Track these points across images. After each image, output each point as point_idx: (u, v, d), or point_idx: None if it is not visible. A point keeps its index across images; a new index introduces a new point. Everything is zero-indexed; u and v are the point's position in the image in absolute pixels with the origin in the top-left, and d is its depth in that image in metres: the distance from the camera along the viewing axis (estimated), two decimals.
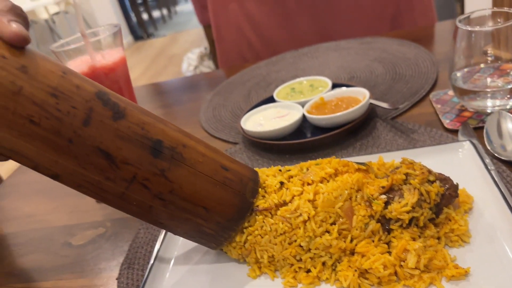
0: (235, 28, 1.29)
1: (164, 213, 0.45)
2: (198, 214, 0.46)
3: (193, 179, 0.45)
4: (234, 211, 0.48)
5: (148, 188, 0.43)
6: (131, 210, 0.44)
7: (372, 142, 0.68)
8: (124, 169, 0.41)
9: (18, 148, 0.38)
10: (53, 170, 0.40)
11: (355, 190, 0.48)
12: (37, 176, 0.87)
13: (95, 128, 0.40)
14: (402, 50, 0.97)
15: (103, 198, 0.43)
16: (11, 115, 0.37)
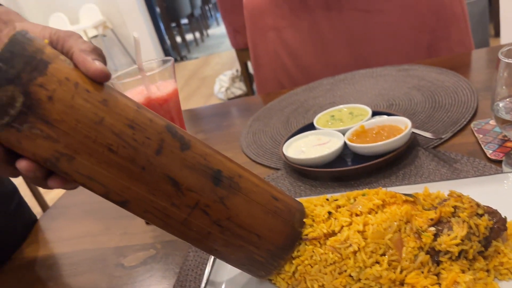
0: (272, 55, 1.33)
1: (221, 240, 0.47)
2: (251, 241, 0.48)
3: (248, 207, 0.48)
4: (284, 239, 0.50)
5: (208, 214, 0.46)
6: (190, 237, 0.47)
7: (415, 171, 0.69)
8: (188, 196, 0.45)
9: (94, 175, 0.41)
10: (124, 196, 0.43)
11: (404, 222, 0.49)
12: (85, 198, 0.92)
13: (166, 157, 0.44)
14: (440, 78, 0.98)
15: (165, 224, 0.46)
16: (92, 143, 0.40)
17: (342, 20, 1.30)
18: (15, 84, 0.37)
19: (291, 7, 1.31)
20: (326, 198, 0.55)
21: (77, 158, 0.40)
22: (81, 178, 0.41)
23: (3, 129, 0.38)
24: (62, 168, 0.41)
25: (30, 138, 0.39)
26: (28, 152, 0.40)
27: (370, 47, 1.27)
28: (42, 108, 0.38)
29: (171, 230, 0.47)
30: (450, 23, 1.18)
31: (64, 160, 0.40)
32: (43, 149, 0.39)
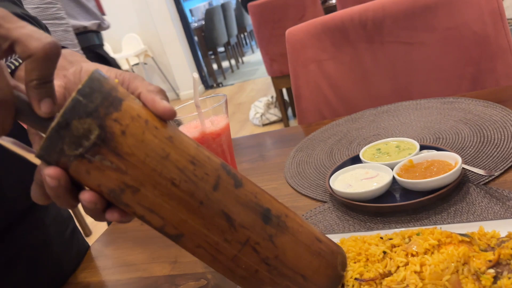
0: (314, 87, 1.35)
1: (267, 279, 0.48)
2: (297, 282, 0.49)
3: (295, 247, 0.49)
4: (327, 282, 0.51)
5: (257, 252, 0.47)
6: (237, 274, 0.48)
7: (467, 209, 0.69)
8: (241, 232, 0.46)
9: (155, 207, 0.43)
10: (179, 230, 0.44)
11: (462, 263, 0.49)
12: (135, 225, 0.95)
13: (222, 194, 0.46)
14: (487, 111, 0.98)
15: (215, 260, 0.47)
16: (158, 176, 0.42)
17: (384, 52, 1.32)
18: (93, 117, 0.40)
19: (332, 41, 1.34)
20: (380, 237, 0.56)
21: (141, 190, 0.42)
22: (141, 210, 0.43)
23: (75, 159, 0.40)
24: (125, 199, 0.43)
25: (100, 169, 0.41)
26: (94, 183, 0.42)
27: (412, 79, 1.28)
28: (115, 141, 0.41)
29: (219, 266, 0.48)
30: (495, 56, 1.17)
31: (129, 191, 0.42)
32: (110, 180, 0.41)
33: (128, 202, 0.43)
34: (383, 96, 1.30)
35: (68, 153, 0.40)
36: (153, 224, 0.44)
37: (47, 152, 0.40)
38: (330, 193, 0.81)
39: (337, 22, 1.33)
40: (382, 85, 1.33)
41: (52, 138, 0.39)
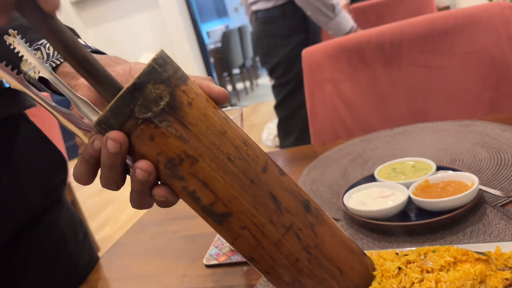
0: (329, 107, 1.36)
1: (307, 269, 0.47)
2: (334, 275, 0.49)
3: (332, 240, 0.49)
4: (361, 279, 0.50)
5: (300, 238, 0.47)
6: (278, 262, 0.47)
7: (483, 230, 0.67)
8: (286, 216, 0.47)
9: (209, 181, 0.43)
10: (229, 207, 0.44)
11: (478, 281, 0.48)
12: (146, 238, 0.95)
13: (269, 177, 0.47)
14: (505, 135, 0.96)
15: (257, 246, 0.46)
16: (216, 149, 0.44)
17: (401, 75, 1.32)
18: (166, 85, 0.42)
19: (349, 62, 1.35)
20: (396, 253, 0.55)
21: (200, 162, 0.43)
22: (195, 183, 0.43)
23: (143, 123, 0.41)
24: (182, 171, 0.42)
25: (164, 135, 0.42)
26: (155, 151, 0.42)
27: (429, 102, 1.27)
28: (182, 111, 0.42)
29: (261, 253, 0.46)
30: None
31: (187, 162, 0.42)
32: (172, 148, 0.42)
33: (183, 174, 0.42)
34: (399, 118, 1.29)
35: (138, 115, 0.40)
36: (203, 201, 0.44)
37: (117, 112, 0.40)
38: (344, 211, 0.80)
39: (354, 44, 1.34)
40: (398, 107, 1.33)
41: (125, 99, 0.40)
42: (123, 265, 0.89)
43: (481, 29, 1.20)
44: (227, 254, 0.79)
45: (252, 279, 0.71)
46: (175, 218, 1.03)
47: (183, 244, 0.90)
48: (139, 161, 0.42)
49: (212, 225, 0.47)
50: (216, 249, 0.82)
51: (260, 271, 0.49)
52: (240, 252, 0.48)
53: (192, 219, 1.00)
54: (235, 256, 0.77)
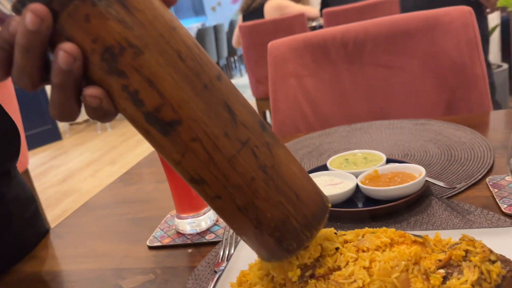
0: (292, 101, 1.35)
1: (263, 191, 0.43)
2: (291, 200, 0.45)
3: (289, 163, 0.45)
4: (317, 208, 0.47)
5: (256, 156, 0.42)
6: (232, 182, 0.42)
7: (427, 219, 0.68)
8: (241, 130, 0.42)
9: (156, 78, 0.37)
10: (178, 113, 0.39)
11: (412, 262, 0.47)
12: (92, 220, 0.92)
13: (225, 86, 0.42)
14: (457, 134, 0.98)
15: (209, 161, 0.41)
16: (165, 43, 0.38)
17: (363, 74, 1.33)
18: None
19: (313, 58, 1.36)
20: (334, 232, 0.54)
21: (145, 54, 0.37)
22: (139, 81, 0.37)
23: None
24: (122, 63, 0.36)
25: (103, 17, 0.35)
26: (90, 36, 0.35)
27: (389, 102, 1.29)
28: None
29: (213, 170, 0.41)
30: (471, 84, 1.20)
31: (130, 52, 0.36)
32: (111, 33, 0.35)
33: (124, 68, 0.36)
34: (359, 116, 1.30)
35: None
36: (147, 105, 0.37)
37: None
38: None
39: (319, 40, 1.34)
40: (359, 105, 1.34)
41: None
42: (64, 245, 0.86)
43: (442, 32, 1.22)
44: (172, 237, 0.77)
45: (195, 261, 0.69)
46: (124, 201, 1.00)
47: (129, 226, 0.87)
48: (63, 43, 0.34)
49: (156, 138, 0.40)
50: (162, 232, 0.80)
51: (210, 196, 0.43)
52: (187, 172, 0.42)
53: (141, 202, 0.97)
54: (180, 239, 0.75)
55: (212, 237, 0.74)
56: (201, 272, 0.65)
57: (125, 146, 4.84)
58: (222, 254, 0.67)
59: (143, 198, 0.99)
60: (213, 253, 0.70)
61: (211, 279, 0.62)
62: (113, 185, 1.11)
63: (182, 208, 0.77)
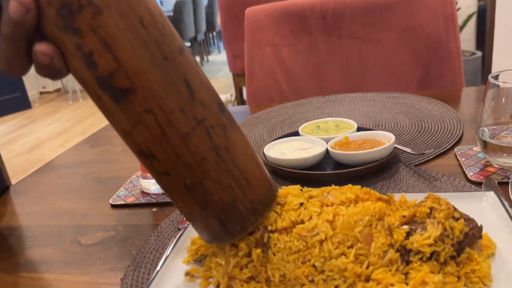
0: (267, 70, 1.33)
1: (213, 172, 0.42)
2: (240, 184, 0.44)
3: (244, 147, 0.45)
4: (265, 195, 0.47)
5: (210, 136, 0.41)
6: (182, 159, 0.40)
7: (394, 185, 0.68)
8: (198, 107, 0.40)
9: (113, 41, 0.35)
10: (133, 82, 0.37)
11: (376, 218, 0.47)
12: (54, 178, 0.89)
13: (186, 61, 0.40)
14: (428, 107, 0.99)
15: (162, 136, 0.39)
16: (126, 6, 0.36)
17: (340, 46, 1.32)
18: None
19: (291, 27, 1.33)
20: (300, 188, 0.53)
21: (105, 15, 0.34)
22: (94, 42, 0.34)
23: None
24: (81, 20, 0.34)
25: None
26: None
27: (363, 75, 1.28)
28: None
29: (165, 145, 0.40)
30: (445, 60, 1.20)
31: (89, 11, 0.34)
32: None
33: (80, 27, 0.34)
34: (333, 88, 1.30)
35: None
36: (100, 68, 0.35)
37: None
38: (264, 161, 0.78)
39: (298, 9, 1.31)
40: (334, 78, 1.33)
41: None
42: (24, 201, 0.82)
43: (420, 7, 1.21)
44: (136, 196, 0.75)
45: (158, 219, 0.67)
46: (89, 162, 0.97)
47: (92, 186, 0.84)
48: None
49: (106, 105, 0.38)
50: (126, 191, 0.77)
51: (158, 171, 0.42)
52: (137, 145, 0.40)
53: (106, 163, 0.94)
54: (145, 198, 0.73)
55: None
56: (164, 229, 0.63)
57: (96, 117, 4.73)
58: None
59: (108, 159, 0.96)
60: (178, 211, 0.68)
61: (174, 236, 0.60)
62: (78, 146, 1.07)
63: None
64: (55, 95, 6.14)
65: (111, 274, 0.56)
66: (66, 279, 0.56)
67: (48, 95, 6.14)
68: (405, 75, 1.23)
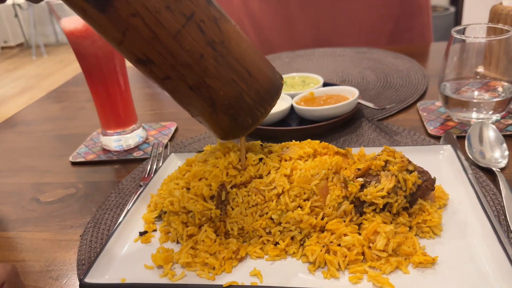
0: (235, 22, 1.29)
1: (213, 68, 0.42)
2: (243, 77, 0.44)
3: (239, 39, 0.44)
4: (270, 84, 0.46)
5: (203, 31, 0.40)
6: (180, 59, 0.40)
7: (356, 139, 0.68)
8: (184, 3, 0.39)
9: None
10: None
11: (333, 171, 0.47)
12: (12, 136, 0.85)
13: None
14: (395, 62, 0.99)
15: (154, 40, 0.39)
16: None
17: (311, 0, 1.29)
18: None
19: None
20: (260, 144, 0.53)
21: None
22: None
23: None
24: None
25: None
26: None
27: (334, 30, 1.26)
28: None
29: (159, 48, 0.39)
30: (414, 14, 1.19)
31: None
32: None
33: None
34: (303, 43, 1.27)
35: None
36: None
37: None
38: None
39: None
40: (304, 32, 1.31)
41: None
42: None
43: None
44: (97, 153, 0.73)
45: (119, 176, 0.66)
46: (49, 118, 0.93)
47: (52, 143, 0.82)
48: None
49: (93, 17, 0.37)
50: (86, 148, 0.75)
51: (159, 77, 0.41)
52: (132, 52, 0.39)
53: (66, 120, 0.91)
54: (106, 155, 0.72)
55: (140, 154, 0.71)
56: (125, 186, 0.63)
57: (63, 73, 4.56)
58: (149, 169, 0.65)
59: (69, 116, 0.93)
60: (140, 168, 0.67)
61: (135, 192, 0.60)
62: (38, 103, 1.03)
63: (107, 124, 0.73)
64: (17, 50, 5.86)
65: (71, 231, 0.55)
66: (24, 236, 0.55)
67: (10, 50, 5.85)
68: (375, 30, 1.22)
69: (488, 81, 0.68)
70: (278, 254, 0.44)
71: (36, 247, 0.53)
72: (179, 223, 0.48)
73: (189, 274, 0.44)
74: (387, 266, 0.41)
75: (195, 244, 0.46)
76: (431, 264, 0.41)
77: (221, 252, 0.44)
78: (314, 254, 0.42)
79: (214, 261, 0.43)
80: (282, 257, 0.44)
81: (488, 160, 0.57)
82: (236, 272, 0.43)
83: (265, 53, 1.22)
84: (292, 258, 0.44)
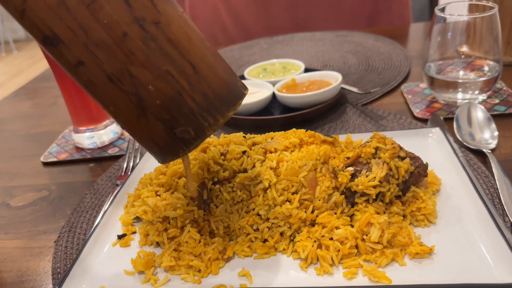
0: (211, 9, 1.25)
1: (141, 54, 0.32)
2: (184, 71, 0.34)
3: (184, 25, 0.35)
4: (225, 89, 0.36)
5: (129, 4, 0.32)
6: (93, 35, 0.31)
7: (341, 126, 0.66)
8: None
9: None
10: None
11: (321, 161, 0.45)
12: None
13: None
14: (376, 44, 0.96)
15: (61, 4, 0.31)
16: None
17: None
18: None
19: None
20: (243, 135, 0.50)
21: None
22: None
23: None
24: None
25: None
26: None
27: (311, 13, 1.23)
28: None
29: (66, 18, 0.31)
30: None
31: None
32: None
33: None
34: (280, 28, 1.24)
35: None
36: None
37: None
38: None
39: None
40: (281, 16, 1.27)
41: None
42: None
43: None
44: (69, 152, 0.69)
45: (95, 176, 0.63)
46: (17, 116, 0.88)
47: (21, 143, 0.77)
48: None
49: None
50: (58, 147, 0.71)
51: (71, 62, 0.32)
52: (36, 26, 0.31)
53: (36, 118, 0.86)
54: (79, 154, 0.68)
55: (116, 151, 0.68)
56: (100, 186, 0.59)
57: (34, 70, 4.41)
58: (125, 166, 0.62)
59: (39, 113, 0.88)
60: (116, 166, 0.63)
61: (111, 192, 0.56)
62: (6, 101, 0.98)
63: (79, 119, 0.68)
64: None
65: (44, 237, 0.51)
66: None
67: None
68: (353, 12, 1.19)
69: (473, 60, 0.67)
70: (267, 251, 0.42)
71: (6, 256, 0.49)
72: (154, 232, 0.44)
73: (173, 278, 0.41)
74: (383, 258, 0.39)
75: (178, 246, 0.43)
76: (428, 255, 0.39)
77: (207, 253, 0.42)
78: (306, 250, 0.40)
79: (200, 263, 0.41)
80: (272, 254, 0.42)
81: (478, 142, 0.55)
82: (223, 274, 0.40)
83: (243, 40, 1.19)
84: (282, 255, 0.42)
